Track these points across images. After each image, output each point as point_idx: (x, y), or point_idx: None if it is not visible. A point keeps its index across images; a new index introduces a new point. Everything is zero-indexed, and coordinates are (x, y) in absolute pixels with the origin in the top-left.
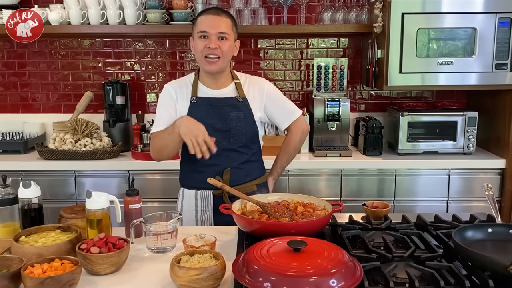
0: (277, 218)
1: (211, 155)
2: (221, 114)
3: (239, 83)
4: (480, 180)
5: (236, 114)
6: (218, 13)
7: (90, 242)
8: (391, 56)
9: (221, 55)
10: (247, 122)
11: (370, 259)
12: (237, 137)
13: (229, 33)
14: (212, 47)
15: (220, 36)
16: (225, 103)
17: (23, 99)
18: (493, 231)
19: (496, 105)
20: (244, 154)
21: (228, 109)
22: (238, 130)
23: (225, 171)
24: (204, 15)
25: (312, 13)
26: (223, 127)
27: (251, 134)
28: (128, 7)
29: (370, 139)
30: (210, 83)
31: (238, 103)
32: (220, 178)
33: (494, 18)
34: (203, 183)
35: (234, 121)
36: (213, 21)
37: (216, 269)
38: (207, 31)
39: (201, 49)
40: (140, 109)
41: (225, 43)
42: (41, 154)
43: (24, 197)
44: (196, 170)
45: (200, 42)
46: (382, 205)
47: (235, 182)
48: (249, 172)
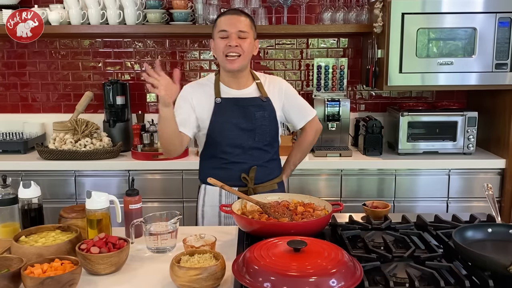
0: (277, 218)
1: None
2: (246, 114)
3: (260, 83)
4: (480, 180)
5: (260, 114)
6: (237, 13)
7: (90, 242)
8: (391, 56)
9: (242, 53)
10: (271, 121)
11: (370, 259)
12: (262, 136)
13: (248, 31)
14: (232, 45)
15: (240, 34)
16: (249, 103)
17: (23, 99)
18: (493, 231)
19: (496, 105)
20: (268, 153)
21: (253, 109)
22: (263, 129)
23: (251, 169)
24: (223, 16)
25: (312, 13)
26: (248, 127)
27: (274, 133)
28: (128, 7)
29: (370, 139)
30: (232, 83)
31: (262, 102)
32: (246, 176)
33: (494, 18)
34: (228, 180)
35: (259, 121)
36: (232, 20)
37: (216, 269)
38: (227, 29)
39: (222, 48)
40: (140, 109)
41: (245, 41)
42: (41, 154)
43: (24, 197)
44: (220, 167)
45: (220, 42)
46: (382, 205)
47: (260, 180)
48: (272, 170)
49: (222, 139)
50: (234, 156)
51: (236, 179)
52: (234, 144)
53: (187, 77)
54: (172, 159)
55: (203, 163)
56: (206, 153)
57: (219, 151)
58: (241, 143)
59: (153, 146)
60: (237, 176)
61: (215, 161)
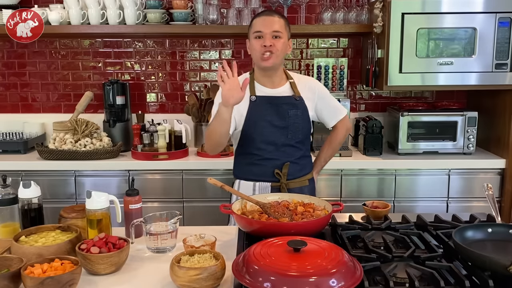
0: (277, 218)
1: (271, 150)
2: (280, 112)
3: (293, 82)
4: (480, 180)
5: (294, 112)
6: (271, 14)
7: (90, 242)
8: (391, 56)
9: (275, 52)
10: (303, 120)
11: (370, 259)
12: (295, 133)
13: (282, 31)
14: (267, 45)
15: (274, 34)
16: (283, 101)
17: (23, 99)
18: (493, 231)
19: (496, 105)
20: (300, 150)
21: (286, 107)
22: (295, 127)
23: (284, 165)
24: (259, 17)
25: (312, 13)
26: (281, 124)
27: (306, 130)
28: (128, 7)
29: (370, 139)
30: (266, 82)
31: (295, 101)
32: (279, 171)
33: (494, 18)
34: (261, 176)
35: (292, 118)
36: (267, 21)
37: (216, 269)
38: (262, 30)
39: (257, 48)
40: (140, 109)
41: (279, 41)
42: (41, 154)
43: (24, 197)
44: (254, 163)
45: (256, 42)
46: (382, 205)
47: (292, 175)
48: (304, 166)
49: (256, 136)
50: (267, 153)
51: (269, 175)
52: (267, 141)
53: (187, 77)
54: (172, 159)
55: (237, 159)
56: (241, 150)
57: (253, 147)
58: (274, 140)
59: (153, 146)
60: (270, 172)
61: (249, 157)
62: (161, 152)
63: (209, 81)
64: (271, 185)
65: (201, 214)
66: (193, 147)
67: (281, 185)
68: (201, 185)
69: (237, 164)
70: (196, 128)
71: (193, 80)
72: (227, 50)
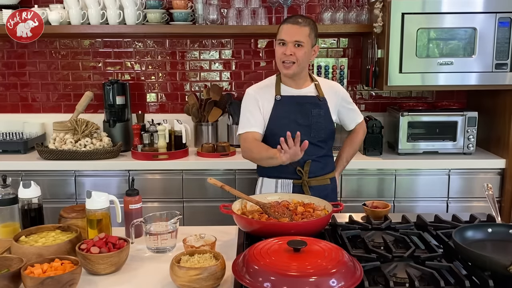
0: (277, 218)
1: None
2: (303, 111)
3: (318, 84)
4: (480, 180)
5: (317, 111)
6: (297, 22)
7: (90, 242)
8: (391, 56)
9: (296, 61)
10: (326, 119)
11: (370, 259)
12: (317, 132)
13: (305, 41)
14: (287, 54)
15: (296, 43)
16: (307, 101)
17: (23, 99)
18: (493, 231)
19: (496, 105)
20: (322, 149)
21: (310, 106)
22: (318, 126)
23: (306, 162)
24: (284, 24)
25: (312, 13)
26: (305, 122)
27: (329, 131)
28: (128, 7)
29: (370, 139)
30: (291, 84)
31: (319, 101)
32: (301, 169)
33: (494, 18)
34: (283, 173)
35: (315, 117)
36: (291, 30)
37: (216, 269)
38: (285, 39)
39: (279, 55)
40: (140, 109)
41: (300, 50)
42: (41, 154)
43: (24, 197)
44: None
45: (279, 49)
46: (382, 205)
47: (313, 173)
48: (325, 165)
49: (280, 133)
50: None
51: (291, 172)
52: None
53: (187, 77)
54: (172, 159)
55: None
56: None
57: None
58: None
59: (153, 146)
60: (292, 169)
61: None
62: (161, 152)
63: (209, 81)
64: (293, 182)
65: (201, 214)
66: (193, 147)
67: (302, 182)
68: (201, 185)
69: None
70: (196, 128)
71: (193, 80)
72: (227, 50)
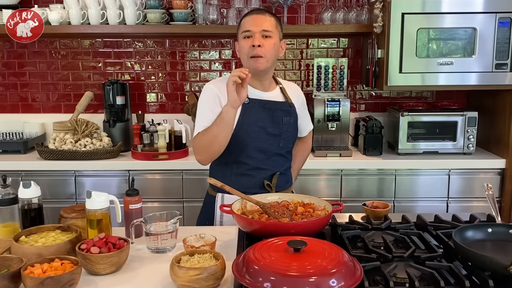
0: (277, 218)
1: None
2: (274, 118)
3: (283, 87)
4: (480, 180)
5: (287, 119)
6: (261, 12)
7: (90, 242)
8: (391, 56)
9: (265, 54)
10: (294, 128)
11: (370, 259)
12: (286, 142)
13: (273, 31)
14: (256, 44)
15: (264, 34)
16: (279, 107)
17: (23, 99)
18: (493, 231)
19: (496, 105)
20: (288, 160)
21: (281, 113)
22: (288, 135)
23: (275, 175)
24: (247, 16)
25: (312, 13)
26: (274, 131)
27: (294, 139)
28: (128, 7)
29: (370, 139)
30: (257, 85)
31: (290, 108)
32: (269, 183)
33: (494, 18)
34: (250, 188)
35: (285, 126)
36: (256, 20)
37: (216, 269)
38: (251, 29)
39: (246, 49)
40: (140, 109)
41: (269, 41)
42: (41, 154)
43: (24, 197)
44: (242, 173)
45: (244, 43)
46: (382, 205)
47: (280, 187)
48: (289, 177)
49: (249, 142)
50: (258, 162)
51: (258, 186)
52: (260, 149)
53: (187, 77)
54: (172, 159)
55: (220, 169)
56: (227, 158)
57: (243, 155)
58: (266, 147)
59: (153, 146)
60: (260, 183)
61: (237, 167)
62: (161, 152)
63: (209, 81)
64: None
65: None
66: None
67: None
68: (201, 185)
69: (220, 175)
70: None
71: (193, 80)
72: (227, 50)
